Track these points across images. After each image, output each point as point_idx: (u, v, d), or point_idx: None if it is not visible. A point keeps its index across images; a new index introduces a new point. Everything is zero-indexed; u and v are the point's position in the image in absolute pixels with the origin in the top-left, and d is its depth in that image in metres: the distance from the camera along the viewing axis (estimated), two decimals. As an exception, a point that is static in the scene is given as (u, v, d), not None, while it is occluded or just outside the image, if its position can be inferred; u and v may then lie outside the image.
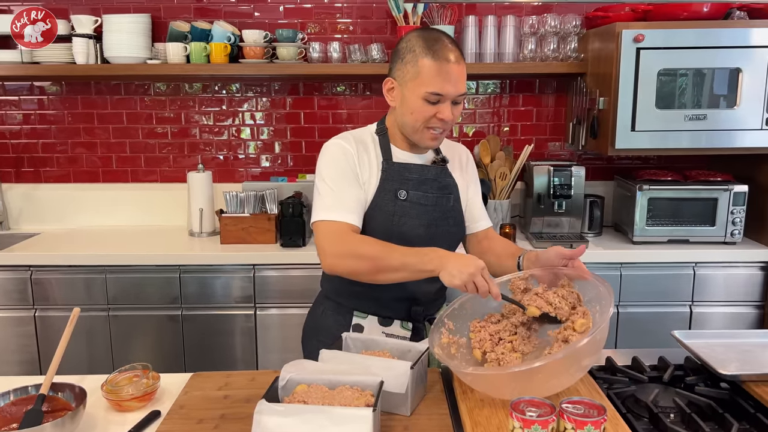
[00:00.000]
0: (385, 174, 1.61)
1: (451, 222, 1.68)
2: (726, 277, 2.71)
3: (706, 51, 2.55)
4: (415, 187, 1.62)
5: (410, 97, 1.53)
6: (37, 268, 2.66)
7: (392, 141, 1.65)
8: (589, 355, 1.22)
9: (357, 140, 1.63)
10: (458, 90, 1.51)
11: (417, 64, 1.50)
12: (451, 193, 1.67)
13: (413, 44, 1.52)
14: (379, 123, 1.68)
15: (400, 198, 1.60)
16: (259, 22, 3.07)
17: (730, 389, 1.40)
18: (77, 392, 1.29)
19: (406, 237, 1.58)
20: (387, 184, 1.60)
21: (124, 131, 3.17)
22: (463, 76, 1.52)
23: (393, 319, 1.67)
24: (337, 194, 1.55)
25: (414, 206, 1.61)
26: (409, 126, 1.57)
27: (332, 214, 1.53)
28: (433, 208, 1.63)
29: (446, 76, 1.49)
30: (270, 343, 2.73)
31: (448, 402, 1.37)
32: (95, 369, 2.66)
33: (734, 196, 2.72)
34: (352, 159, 1.59)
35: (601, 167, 3.20)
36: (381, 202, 1.59)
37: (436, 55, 1.49)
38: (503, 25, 2.92)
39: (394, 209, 1.59)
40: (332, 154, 1.60)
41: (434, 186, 1.64)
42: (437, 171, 1.66)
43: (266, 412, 1.12)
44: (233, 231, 2.80)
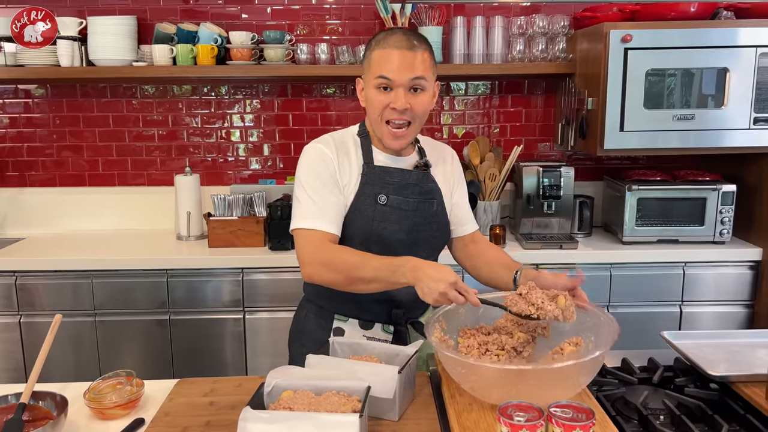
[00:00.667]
0: (365, 178, 1.58)
1: (434, 227, 1.65)
2: (715, 277, 2.71)
3: (694, 51, 2.56)
4: (396, 192, 1.59)
5: (368, 90, 1.54)
6: (22, 273, 2.62)
7: (373, 143, 1.63)
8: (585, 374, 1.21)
9: (338, 143, 1.61)
10: (409, 74, 1.48)
11: (370, 57, 1.53)
12: (433, 198, 1.64)
13: (372, 40, 1.56)
14: (361, 125, 1.66)
15: (380, 203, 1.57)
16: (246, 24, 3.05)
17: (719, 390, 1.40)
18: (58, 401, 1.27)
19: (386, 242, 1.56)
20: (367, 188, 1.58)
21: (111, 134, 3.14)
22: (414, 62, 1.49)
23: (374, 322, 1.65)
24: (316, 202, 1.53)
25: (394, 211, 1.58)
26: (372, 122, 1.57)
27: (311, 222, 1.52)
28: (414, 213, 1.60)
29: (392, 60, 1.48)
30: (259, 348, 2.71)
31: (436, 406, 1.35)
32: (82, 376, 2.62)
33: (723, 195, 2.73)
34: (331, 164, 1.56)
35: (590, 167, 3.20)
36: (361, 206, 1.57)
37: (385, 43, 1.50)
38: (492, 25, 2.91)
39: (374, 214, 1.57)
40: (311, 159, 1.58)
41: (415, 191, 1.61)
42: (418, 176, 1.63)
43: (251, 419, 1.10)
44: (221, 234, 2.78)
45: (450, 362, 1.24)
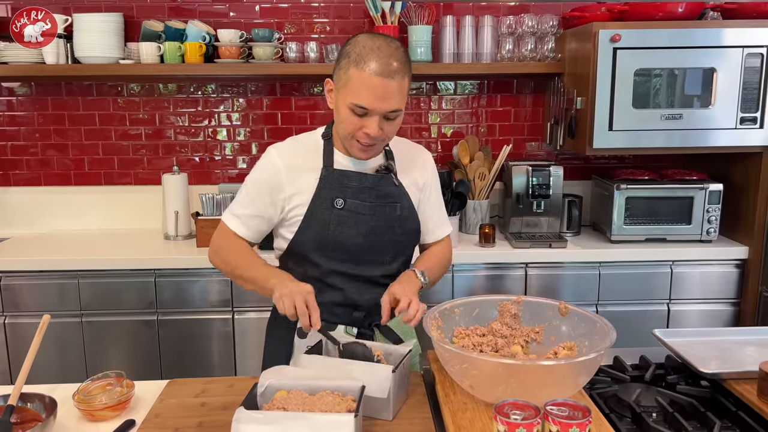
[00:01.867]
0: (322, 182, 1.56)
1: (397, 231, 1.61)
2: (702, 275, 2.74)
3: (682, 51, 2.57)
4: (354, 196, 1.56)
5: (340, 104, 1.48)
6: (6, 273, 2.58)
7: (336, 147, 1.60)
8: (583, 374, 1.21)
9: (298, 145, 1.61)
10: (387, 107, 1.42)
11: (348, 72, 1.43)
12: (396, 202, 1.60)
13: (352, 49, 1.44)
14: (327, 127, 1.63)
15: (337, 207, 1.55)
16: (234, 22, 3.02)
17: (710, 387, 1.41)
18: (47, 402, 1.25)
19: (344, 246, 1.55)
20: (324, 192, 1.56)
21: (97, 133, 3.10)
22: (395, 93, 1.42)
23: (337, 324, 1.62)
24: (243, 206, 1.60)
25: (351, 215, 1.56)
26: (340, 134, 1.54)
27: (230, 220, 1.62)
28: (371, 217, 1.57)
29: (373, 91, 1.40)
30: (248, 348, 2.69)
31: (430, 405, 1.35)
32: (68, 377, 2.58)
33: (710, 194, 2.75)
34: (275, 171, 1.55)
35: (578, 167, 3.22)
36: (316, 210, 1.55)
37: (367, 66, 1.39)
38: (481, 25, 2.91)
39: (330, 218, 1.55)
40: (262, 166, 1.59)
41: (372, 194, 1.58)
42: (376, 179, 1.59)
43: (245, 420, 1.09)
44: (210, 234, 2.70)
45: (451, 357, 1.24)
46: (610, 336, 1.25)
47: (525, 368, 1.18)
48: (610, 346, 1.22)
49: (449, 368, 1.28)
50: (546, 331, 1.42)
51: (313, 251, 1.55)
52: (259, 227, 1.61)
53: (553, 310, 1.44)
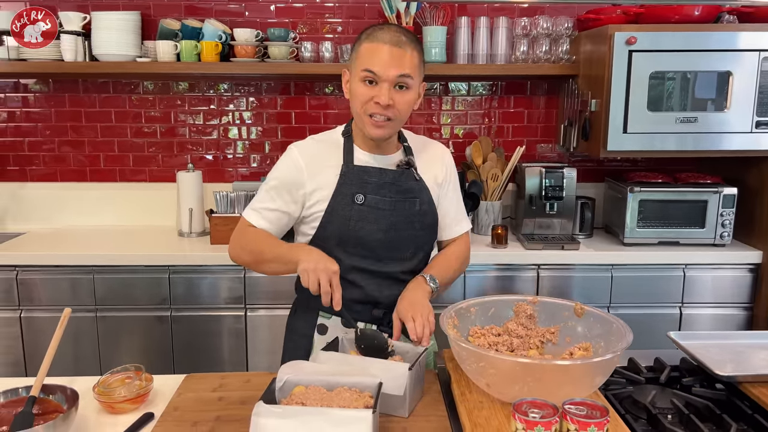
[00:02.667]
0: (343, 178, 1.58)
1: (417, 226, 1.63)
2: (715, 279, 2.73)
3: (697, 54, 2.57)
4: (374, 191, 1.58)
5: (353, 82, 1.54)
6: (23, 268, 2.61)
7: (356, 143, 1.63)
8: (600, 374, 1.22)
9: (319, 144, 1.63)
10: (394, 71, 1.47)
11: (358, 49, 1.52)
12: (415, 198, 1.62)
13: (360, 35, 1.55)
14: (347, 125, 1.66)
15: (357, 202, 1.57)
16: (250, 21, 3.04)
17: (726, 390, 1.41)
18: (69, 394, 1.27)
19: (364, 242, 1.57)
20: (344, 188, 1.58)
21: (112, 130, 3.13)
22: (403, 59, 1.48)
23: (356, 321, 1.62)
24: (264, 201, 1.61)
25: (372, 211, 1.58)
26: (355, 113, 1.57)
27: (250, 215, 1.63)
28: (391, 212, 1.59)
29: (380, 55, 1.47)
30: (260, 345, 2.71)
31: (445, 403, 1.36)
32: (82, 371, 2.61)
33: (724, 198, 2.74)
34: (296, 167, 1.58)
35: (591, 169, 3.22)
36: (337, 206, 1.57)
37: (374, 37, 1.50)
38: (495, 26, 2.92)
39: (351, 214, 1.57)
40: (283, 163, 1.62)
41: (393, 190, 1.60)
42: (396, 174, 1.61)
43: (264, 414, 1.10)
44: (223, 231, 2.77)
45: (468, 356, 1.24)
46: (627, 337, 1.25)
47: (541, 367, 1.18)
48: (627, 347, 1.22)
49: (465, 367, 1.28)
50: (561, 332, 1.43)
51: (335, 247, 1.57)
52: (280, 222, 1.62)
53: (568, 311, 1.44)
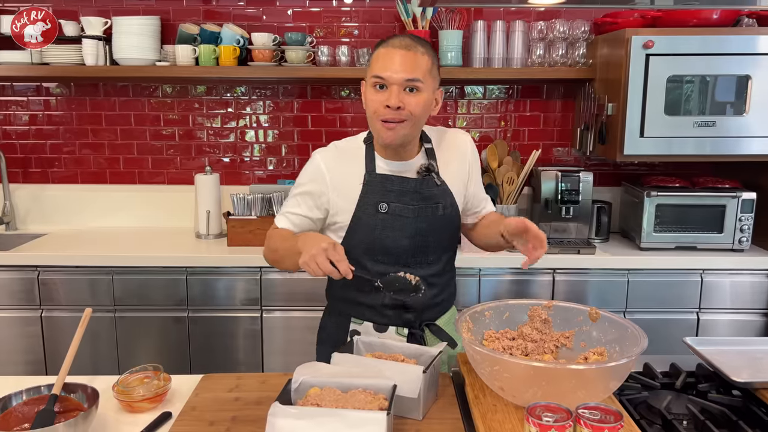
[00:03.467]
0: (366, 187, 1.60)
1: (441, 230, 1.65)
2: (733, 285, 2.70)
3: (716, 58, 2.55)
4: (396, 199, 1.60)
5: (366, 89, 1.57)
6: (44, 268, 2.66)
7: (376, 150, 1.64)
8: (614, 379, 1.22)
9: (342, 152, 1.64)
10: (403, 75, 1.48)
11: (370, 59, 1.56)
12: (438, 203, 1.63)
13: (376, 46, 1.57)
14: (369, 132, 1.67)
15: (381, 211, 1.59)
16: (267, 25, 3.07)
17: (742, 396, 1.40)
18: (89, 393, 1.29)
19: (390, 249, 1.59)
20: (368, 197, 1.59)
21: (132, 133, 3.18)
22: (411, 63, 1.49)
23: (388, 325, 1.66)
24: (292, 206, 1.65)
25: (396, 218, 1.59)
26: (369, 120, 1.58)
27: (280, 220, 1.66)
28: (415, 219, 1.60)
29: (389, 60, 1.49)
30: (276, 346, 2.73)
31: (459, 406, 1.37)
32: (100, 370, 2.65)
33: (742, 203, 2.72)
34: (320, 179, 1.60)
35: (607, 173, 3.20)
36: (362, 215, 1.59)
37: (385, 44, 1.53)
38: (512, 30, 2.92)
39: (375, 222, 1.59)
40: (308, 171, 1.64)
41: (416, 197, 1.61)
42: (418, 182, 1.62)
43: (280, 414, 1.12)
44: (240, 233, 2.80)
45: (483, 359, 1.25)
46: (642, 342, 1.25)
47: (556, 372, 1.18)
48: (642, 352, 1.22)
49: (480, 370, 1.29)
50: (576, 337, 1.43)
51: (362, 255, 1.59)
52: (303, 226, 1.64)
53: (583, 315, 1.44)
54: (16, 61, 2.87)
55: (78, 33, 2.92)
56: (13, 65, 2.87)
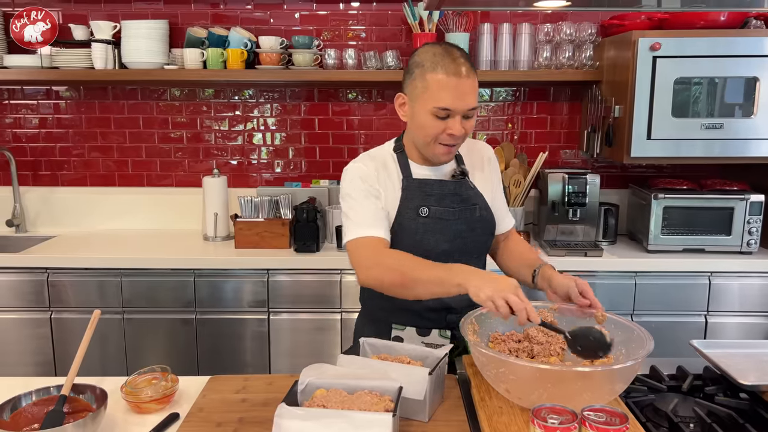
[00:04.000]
0: (405, 192, 1.62)
1: (478, 232, 1.67)
2: (741, 288, 2.69)
3: (723, 60, 2.55)
4: (436, 203, 1.62)
5: (419, 112, 1.53)
6: (53, 270, 2.68)
7: (410, 157, 1.66)
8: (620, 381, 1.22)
9: (375, 160, 1.65)
10: (467, 104, 1.49)
11: (425, 79, 1.50)
12: (475, 204, 1.66)
13: (422, 59, 1.52)
14: (397, 140, 1.69)
15: (422, 215, 1.60)
16: (274, 29, 3.09)
17: (750, 399, 1.39)
18: (98, 394, 1.30)
19: (431, 253, 1.58)
20: (408, 202, 1.61)
21: (140, 136, 3.20)
22: (473, 90, 1.50)
23: (431, 328, 1.68)
24: (362, 212, 1.58)
25: (437, 222, 1.61)
26: (421, 141, 1.58)
27: (362, 230, 1.56)
28: (456, 221, 1.63)
29: (454, 91, 1.47)
30: (283, 348, 2.74)
31: (465, 409, 1.37)
32: (109, 371, 2.67)
33: (751, 205, 2.71)
34: (371, 177, 1.61)
35: (614, 175, 3.20)
36: (404, 220, 1.61)
37: (445, 69, 1.48)
38: (518, 32, 2.92)
39: (417, 227, 1.60)
40: (351, 176, 1.63)
41: (456, 200, 1.64)
42: (456, 185, 1.65)
43: (286, 415, 1.12)
44: (247, 235, 2.82)
45: (489, 361, 1.25)
46: (648, 345, 1.25)
47: (561, 374, 1.19)
48: (648, 354, 1.22)
49: (485, 372, 1.29)
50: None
51: None
52: (388, 227, 1.60)
53: (590, 318, 1.44)
54: (26, 65, 2.89)
55: (87, 37, 2.95)
56: (24, 69, 2.89)
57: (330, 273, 2.68)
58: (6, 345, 2.71)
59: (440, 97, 1.48)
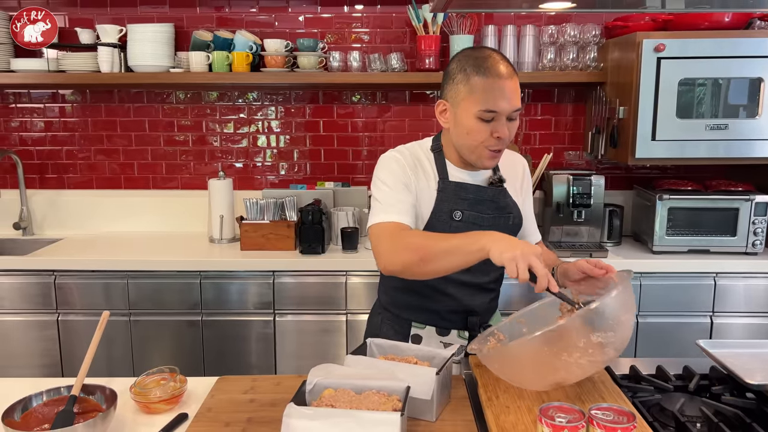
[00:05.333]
0: (441, 194, 1.60)
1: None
2: (747, 288, 2.69)
3: (728, 60, 2.55)
4: (471, 207, 1.61)
5: (464, 117, 1.52)
6: (60, 272, 2.69)
7: (448, 158, 1.64)
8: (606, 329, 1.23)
9: (412, 154, 1.64)
10: (513, 105, 1.49)
11: (469, 83, 1.50)
12: (510, 213, 1.66)
13: (464, 64, 1.52)
14: (434, 140, 1.68)
15: (455, 219, 1.59)
16: (279, 32, 3.10)
17: (756, 399, 1.39)
18: (108, 394, 1.31)
19: None
20: (443, 204, 1.60)
21: (146, 139, 3.22)
22: (516, 91, 1.50)
23: (450, 329, 1.69)
24: (390, 199, 1.56)
25: (469, 227, 1.58)
26: (466, 147, 1.56)
27: (386, 216, 1.54)
28: (489, 228, 1.60)
29: (499, 92, 1.47)
30: (288, 350, 2.74)
31: (472, 408, 1.37)
32: (116, 372, 2.68)
33: (756, 206, 2.71)
34: (405, 168, 1.59)
35: (619, 176, 3.20)
36: (436, 222, 1.60)
37: (488, 71, 1.48)
38: (522, 34, 2.93)
39: (449, 230, 1.59)
40: (387, 163, 1.61)
41: (491, 207, 1.63)
42: (494, 192, 1.64)
43: (295, 415, 1.13)
44: (253, 237, 2.83)
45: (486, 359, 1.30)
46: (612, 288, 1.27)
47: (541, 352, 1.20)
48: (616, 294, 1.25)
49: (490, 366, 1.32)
50: None
51: None
52: (414, 218, 1.58)
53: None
54: (33, 69, 2.91)
55: (94, 41, 2.97)
56: (30, 73, 2.92)
57: (335, 275, 2.69)
58: (13, 347, 2.73)
59: (485, 100, 1.48)
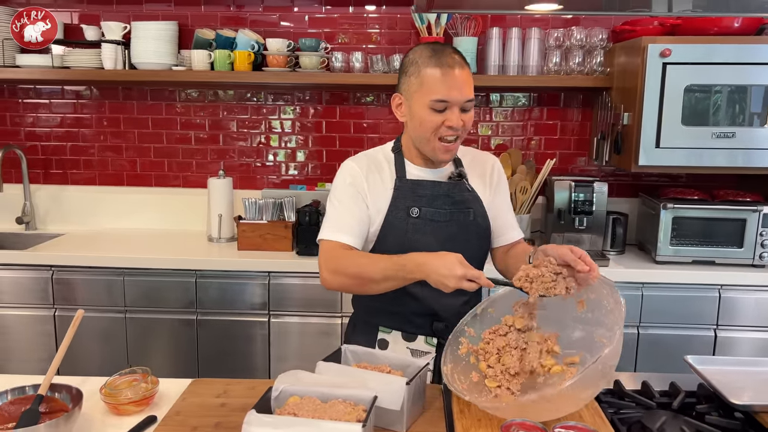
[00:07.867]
0: (397, 192, 1.62)
1: (472, 237, 1.65)
2: (753, 301, 2.61)
3: (736, 67, 2.48)
4: (428, 204, 1.61)
5: (417, 108, 1.54)
6: (58, 268, 2.71)
7: (407, 157, 1.66)
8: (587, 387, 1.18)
9: (370, 160, 1.66)
10: (464, 95, 1.51)
11: (420, 75, 1.52)
12: (469, 208, 1.64)
13: (416, 56, 1.55)
14: (396, 141, 1.70)
15: (413, 215, 1.60)
16: (284, 31, 3.09)
17: (743, 419, 1.34)
18: (74, 394, 1.30)
19: None
20: (399, 201, 1.61)
21: (150, 136, 3.22)
22: (468, 82, 1.52)
23: (417, 334, 1.66)
24: (337, 216, 1.60)
25: (427, 223, 1.60)
26: (420, 139, 1.57)
27: (329, 233, 1.59)
28: (447, 224, 1.61)
29: (450, 82, 1.49)
30: (283, 351, 2.73)
31: (446, 420, 1.34)
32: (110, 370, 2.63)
33: (764, 217, 2.63)
34: (358, 179, 1.62)
35: (626, 184, 3.13)
36: (393, 220, 1.60)
37: (438, 62, 1.50)
38: (528, 37, 2.88)
39: (407, 227, 1.60)
40: (341, 176, 1.65)
41: (447, 201, 1.62)
42: (450, 186, 1.64)
43: (255, 423, 1.11)
44: (250, 237, 2.81)
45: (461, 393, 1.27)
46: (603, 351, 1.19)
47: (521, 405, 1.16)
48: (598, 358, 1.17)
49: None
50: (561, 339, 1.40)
51: None
52: (362, 232, 1.61)
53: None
54: (38, 65, 2.93)
55: (98, 37, 2.98)
56: (36, 68, 2.93)
57: (331, 277, 2.67)
58: (10, 341, 2.75)
59: (437, 90, 1.49)
